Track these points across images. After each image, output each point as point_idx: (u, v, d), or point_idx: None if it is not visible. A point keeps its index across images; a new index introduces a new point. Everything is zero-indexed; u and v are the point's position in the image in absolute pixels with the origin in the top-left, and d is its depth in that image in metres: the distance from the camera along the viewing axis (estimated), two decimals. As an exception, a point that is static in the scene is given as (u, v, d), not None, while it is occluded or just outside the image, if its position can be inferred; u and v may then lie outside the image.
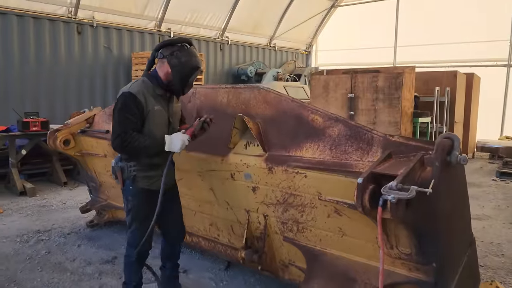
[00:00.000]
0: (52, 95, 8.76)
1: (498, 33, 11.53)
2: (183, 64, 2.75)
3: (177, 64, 2.75)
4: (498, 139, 10.80)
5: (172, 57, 2.75)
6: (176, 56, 2.75)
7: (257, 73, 12.81)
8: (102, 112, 4.56)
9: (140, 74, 9.46)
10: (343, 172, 2.43)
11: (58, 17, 8.84)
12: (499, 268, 3.93)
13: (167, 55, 2.76)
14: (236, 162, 3.05)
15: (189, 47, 2.81)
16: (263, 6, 13.03)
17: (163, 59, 2.78)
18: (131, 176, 2.81)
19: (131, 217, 2.90)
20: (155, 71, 2.85)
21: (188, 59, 2.77)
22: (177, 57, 2.75)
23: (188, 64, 2.77)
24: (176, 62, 2.75)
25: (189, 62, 2.77)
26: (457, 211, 2.49)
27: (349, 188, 2.22)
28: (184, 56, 2.76)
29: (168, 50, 2.77)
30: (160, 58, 2.80)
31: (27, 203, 5.86)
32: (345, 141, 2.61)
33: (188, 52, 2.78)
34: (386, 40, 13.65)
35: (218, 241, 3.62)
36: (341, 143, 2.62)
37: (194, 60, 2.80)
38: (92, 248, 4.25)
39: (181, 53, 2.76)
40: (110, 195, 4.66)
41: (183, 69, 2.76)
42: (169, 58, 2.75)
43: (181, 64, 2.75)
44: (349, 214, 2.49)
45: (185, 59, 2.75)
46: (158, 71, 2.84)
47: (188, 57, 2.77)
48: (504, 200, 6.40)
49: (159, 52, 2.81)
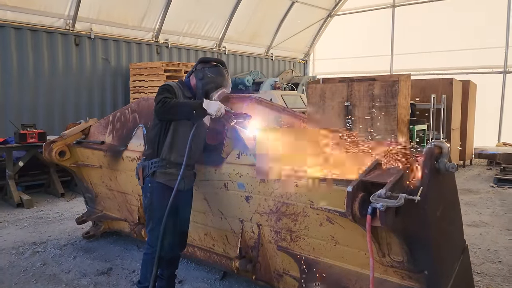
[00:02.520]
0: (50, 106, 8.80)
1: (493, 40, 11.62)
2: (207, 80, 3.02)
3: (202, 79, 3.04)
4: (496, 146, 10.82)
5: (201, 71, 3.05)
6: (204, 72, 3.04)
7: (255, 83, 12.87)
8: (98, 123, 4.58)
9: (138, 85, 9.56)
10: (334, 181, 2.44)
11: (56, 29, 8.92)
12: (495, 275, 3.91)
13: (199, 69, 3.07)
14: (229, 172, 3.06)
15: (220, 67, 3.09)
16: (260, 16, 13.15)
17: (196, 72, 3.09)
18: (151, 172, 2.95)
19: (148, 215, 3.04)
20: (188, 79, 3.16)
21: (213, 77, 3.04)
22: (203, 72, 3.04)
23: (211, 81, 3.02)
24: (201, 76, 3.04)
25: (213, 79, 3.03)
26: (448, 218, 2.49)
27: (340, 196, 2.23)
28: (211, 73, 3.04)
29: (201, 66, 3.09)
30: (194, 71, 3.12)
31: (23, 215, 5.86)
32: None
33: (216, 71, 3.06)
34: (382, 48, 13.75)
35: (213, 251, 3.62)
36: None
37: (219, 79, 3.05)
38: (88, 259, 4.24)
39: (209, 70, 3.04)
40: (106, 206, 4.66)
41: (206, 84, 3.01)
42: (198, 72, 3.07)
43: (205, 79, 3.03)
44: (341, 223, 2.49)
45: (210, 76, 3.03)
46: (190, 80, 3.14)
47: (214, 75, 3.04)
48: (502, 206, 6.39)
49: (196, 65, 3.12)
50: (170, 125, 2.95)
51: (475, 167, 10.25)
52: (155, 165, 2.95)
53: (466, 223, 5.40)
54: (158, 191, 2.96)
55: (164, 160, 2.95)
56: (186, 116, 2.91)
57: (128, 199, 4.21)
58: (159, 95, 2.91)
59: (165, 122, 2.97)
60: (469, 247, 4.27)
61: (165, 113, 2.88)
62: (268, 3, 13.01)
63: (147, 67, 9.55)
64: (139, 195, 3.95)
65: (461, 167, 9.94)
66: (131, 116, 4.09)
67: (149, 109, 3.86)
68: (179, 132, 2.95)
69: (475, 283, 3.58)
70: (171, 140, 2.96)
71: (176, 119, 2.95)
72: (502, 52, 11.66)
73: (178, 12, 10.90)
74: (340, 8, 15.05)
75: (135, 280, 3.63)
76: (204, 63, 3.12)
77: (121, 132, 4.16)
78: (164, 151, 2.96)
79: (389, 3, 13.73)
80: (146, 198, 3.03)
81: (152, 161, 2.97)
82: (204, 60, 3.16)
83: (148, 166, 2.97)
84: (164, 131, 2.97)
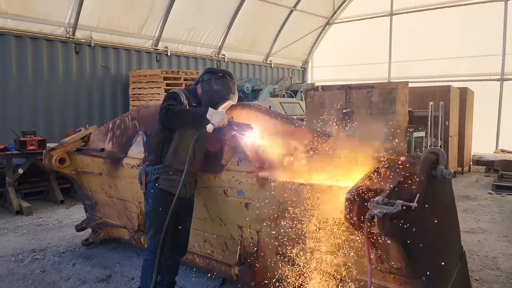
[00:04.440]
0: (50, 114, 8.84)
1: (491, 48, 11.70)
2: (213, 92, 3.03)
3: (207, 90, 3.06)
4: (494, 152, 10.85)
5: (206, 82, 3.07)
6: (210, 82, 3.04)
7: (254, 90, 12.93)
8: (98, 131, 4.61)
9: (137, 92, 9.60)
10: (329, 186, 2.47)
11: (56, 38, 8.98)
12: (494, 281, 3.92)
13: (205, 79, 3.08)
14: (228, 179, 3.08)
15: (226, 79, 3.08)
16: (259, 24, 13.24)
17: (202, 82, 3.10)
18: (154, 178, 2.96)
19: (149, 222, 3.05)
20: (195, 87, 3.18)
21: (219, 89, 3.04)
22: (210, 83, 3.04)
23: (217, 93, 3.03)
24: (207, 88, 3.06)
25: (219, 91, 3.04)
26: (445, 224, 2.52)
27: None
28: (217, 85, 3.04)
29: (208, 76, 3.09)
30: (200, 81, 3.13)
31: (23, 222, 5.86)
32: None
33: (222, 82, 3.06)
34: (380, 56, 13.84)
35: (213, 258, 3.63)
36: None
37: (224, 91, 3.06)
38: (87, 266, 4.24)
39: (216, 82, 3.04)
40: (106, 213, 4.67)
41: (211, 96, 3.03)
42: (204, 83, 3.08)
43: (211, 91, 3.04)
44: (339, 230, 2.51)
45: (216, 87, 3.04)
46: (197, 88, 3.15)
47: (220, 87, 3.04)
48: (500, 213, 6.41)
49: (202, 75, 3.13)
50: (174, 132, 2.97)
51: (473, 174, 10.28)
52: (158, 171, 2.97)
53: (464, 230, 5.42)
54: (160, 197, 2.97)
55: (167, 167, 2.97)
56: (189, 124, 2.94)
57: (127, 206, 4.23)
58: (164, 102, 2.95)
59: (168, 129, 3.00)
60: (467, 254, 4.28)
61: (168, 120, 2.91)
62: (267, 11, 13.12)
63: (146, 75, 9.60)
64: (139, 202, 3.97)
65: (460, 173, 9.97)
66: (131, 123, 4.12)
67: (149, 116, 3.90)
68: (183, 140, 2.97)
69: (474, 290, 3.60)
70: (175, 147, 2.98)
71: (179, 126, 2.98)
72: (499, 60, 11.75)
73: (178, 20, 10.98)
74: (339, 16, 15.17)
75: (135, 287, 3.64)
76: (211, 73, 3.12)
77: (121, 139, 4.18)
78: (167, 158, 2.98)
79: (387, 11, 13.85)
80: (147, 204, 3.05)
81: (155, 167, 2.99)
82: (211, 70, 3.16)
83: (151, 172, 2.99)
84: (168, 138, 3.00)
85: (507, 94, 11.74)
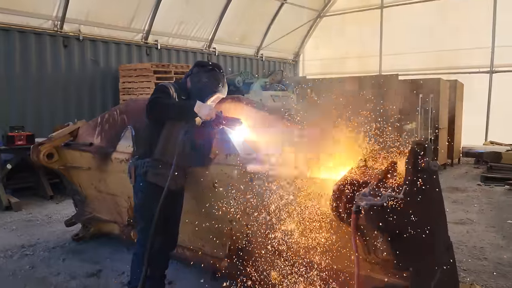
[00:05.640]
0: (38, 109, 8.72)
1: (480, 40, 11.77)
2: (201, 85, 3.01)
3: (196, 83, 3.04)
4: (483, 144, 10.96)
5: (196, 75, 3.04)
6: (199, 75, 3.02)
7: (245, 83, 12.87)
8: (86, 125, 4.57)
9: (128, 86, 9.52)
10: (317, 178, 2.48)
11: (44, 31, 8.85)
12: (481, 271, 3.98)
13: (195, 72, 3.06)
14: (217, 172, 3.08)
15: (215, 72, 3.05)
16: (250, 17, 13.17)
17: (191, 75, 3.08)
18: (143, 171, 2.94)
19: (139, 215, 3.07)
20: (185, 80, 3.15)
21: (208, 82, 3.01)
22: (199, 76, 3.02)
23: (205, 86, 3.01)
24: (196, 81, 3.04)
25: (207, 84, 3.01)
26: (432, 216, 2.53)
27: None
28: (205, 78, 3.02)
29: (197, 69, 3.07)
30: (190, 74, 3.10)
31: (12, 218, 5.81)
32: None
33: (210, 75, 3.03)
34: (371, 48, 13.85)
35: (202, 251, 3.63)
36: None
37: (214, 84, 3.02)
38: (77, 261, 4.22)
39: (205, 75, 3.02)
40: (96, 208, 4.65)
41: (200, 89, 3.01)
42: (194, 75, 3.06)
43: (199, 84, 3.02)
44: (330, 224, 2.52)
45: (205, 80, 3.01)
46: (187, 82, 3.12)
47: (208, 80, 3.01)
48: (488, 204, 6.49)
49: (192, 68, 3.11)
50: (163, 125, 2.96)
51: (462, 165, 10.39)
52: (147, 165, 2.95)
53: (453, 221, 5.49)
54: (149, 190, 2.96)
55: (156, 160, 2.96)
56: (177, 117, 2.93)
57: (117, 200, 4.21)
58: (152, 94, 2.94)
59: (153, 121, 2.98)
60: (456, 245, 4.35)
61: (155, 112, 2.90)
62: (258, 4, 13.05)
63: (136, 69, 9.52)
64: (128, 197, 3.95)
65: (449, 165, 10.06)
66: (120, 117, 4.09)
67: (138, 110, 3.87)
68: (173, 133, 2.95)
69: (462, 279, 3.65)
70: (164, 140, 2.97)
71: (166, 119, 2.96)
72: (489, 52, 11.82)
73: (168, 13, 10.88)
74: (330, 9, 15.14)
75: (125, 282, 3.63)
76: (200, 66, 3.10)
77: (110, 134, 4.15)
78: (156, 151, 2.97)
79: (377, 4, 13.84)
80: (137, 197, 3.04)
81: (145, 161, 2.97)
82: (200, 63, 3.14)
83: (140, 165, 2.97)
84: (157, 131, 2.98)
85: (496, 87, 11.83)
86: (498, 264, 4.13)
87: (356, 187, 2.14)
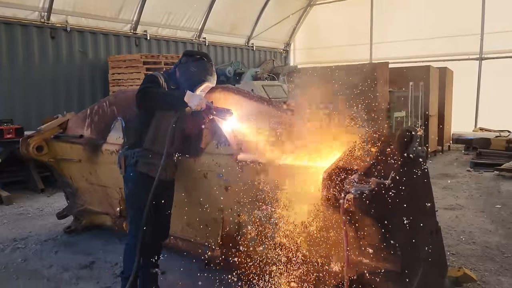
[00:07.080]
0: (27, 101, 8.64)
1: (469, 27, 11.81)
2: (190, 74, 2.99)
3: (184, 72, 3.02)
4: (473, 131, 11.07)
5: (184, 65, 3.02)
6: (187, 65, 3.00)
7: (236, 73, 12.83)
8: (75, 117, 4.54)
9: (117, 77, 9.44)
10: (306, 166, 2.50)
11: (31, 22, 8.72)
12: (470, 255, 4.05)
13: (183, 62, 3.04)
14: (208, 162, 3.09)
15: (204, 61, 3.03)
16: (240, 7, 13.07)
17: (180, 65, 3.06)
18: (133, 161, 2.94)
19: (129, 205, 3.07)
20: (174, 70, 3.11)
21: (196, 71, 2.99)
22: (187, 66, 3.00)
23: (194, 75, 2.98)
24: (184, 71, 3.02)
25: (196, 73, 2.99)
26: (420, 201, 2.57)
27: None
28: (194, 67, 3.00)
29: (185, 59, 3.05)
30: (178, 64, 3.07)
31: (3, 212, 5.78)
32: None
33: (199, 65, 3.01)
34: (362, 37, 13.83)
35: (195, 241, 3.65)
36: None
37: (202, 73, 3.00)
38: (69, 254, 4.22)
39: (193, 64, 3.00)
40: (87, 200, 4.64)
41: (189, 78, 2.99)
42: (182, 65, 3.04)
43: (188, 73, 3.00)
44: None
45: (193, 70, 2.99)
46: (175, 72, 3.09)
47: (196, 69, 2.99)
48: (477, 190, 6.59)
49: (181, 58, 3.08)
50: (153, 115, 2.95)
51: (453, 152, 10.50)
52: (137, 155, 2.94)
53: (443, 207, 5.56)
54: (139, 180, 2.96)
55: (147, 150, 2.95)
56: (166, 106, 2.92)
57: (109, 192, 4.20)
58: (142, 84, 2.92)
59: (143, 111, 2.97)
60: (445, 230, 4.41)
61: (145, 102, 2.88)
62: (248, -7, 12.96)
63: (126, 60, 9.43)
64: (120, 188, 3.94)
65: (439, 152, 10.17)
66: (109, 109, 4.07)
67: (127, 101, 3.85)
68: (163, 123, 2.93)
69: (451, 264, 3.71)
70: (154, 130, 2.96)
71: (155, 108, 2.94)
72: (478, 39, 11.88)
73: (156, 3, 10.77)
74: (320, -2, 15.08)
75: (118, 273, 3.64)
76: (188, 56, 3.08)
77: (100, 125, 4.13)
78: (146, 141, 2.96)
79: (367, -8, 13.82)
80: (127, 188, 3.04)
81: (135, 151, 2.96)
82: (188, 53, 3.13)
83: (131, 156, 2.96)
84: (147, 121, 2.97)
85: (485, 73, 11.91)
86: (486, 248, 4.20)
87: (345, 174, 2.16)
